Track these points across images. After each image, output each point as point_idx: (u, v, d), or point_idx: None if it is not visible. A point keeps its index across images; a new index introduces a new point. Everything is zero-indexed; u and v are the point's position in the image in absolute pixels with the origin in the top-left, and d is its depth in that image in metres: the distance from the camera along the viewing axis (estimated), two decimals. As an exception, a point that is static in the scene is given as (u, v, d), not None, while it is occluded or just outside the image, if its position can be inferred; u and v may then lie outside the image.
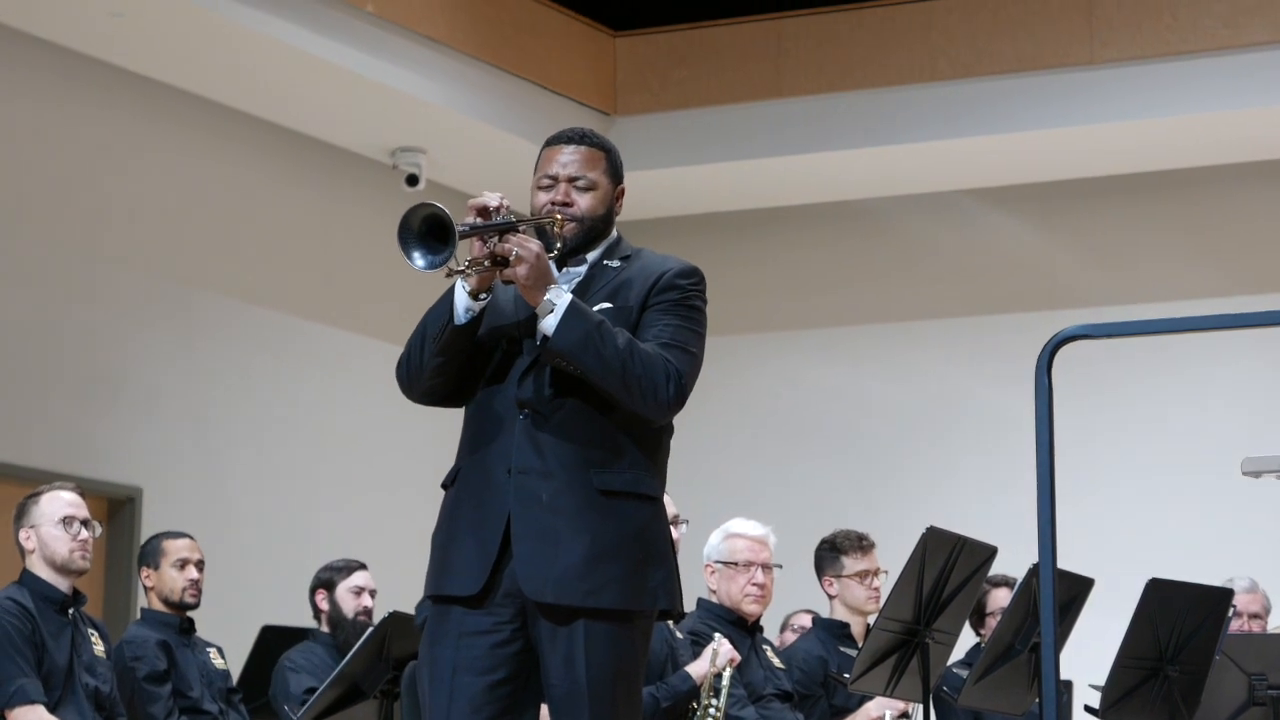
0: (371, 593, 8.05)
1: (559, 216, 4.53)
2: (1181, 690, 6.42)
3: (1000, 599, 7.98)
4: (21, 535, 6.89)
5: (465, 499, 4.49)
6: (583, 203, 4.57)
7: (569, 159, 4.58)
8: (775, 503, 10.88)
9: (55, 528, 6.85)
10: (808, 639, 7.77)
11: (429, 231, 4.34)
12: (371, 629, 6.84)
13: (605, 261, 4.59)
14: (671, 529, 4.66)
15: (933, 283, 12.11)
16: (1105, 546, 10.38)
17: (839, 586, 7.61)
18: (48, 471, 8.99)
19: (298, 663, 7.85)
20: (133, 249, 10.20)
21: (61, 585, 6.86)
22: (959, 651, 7.53)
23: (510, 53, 11.17)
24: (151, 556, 7.57)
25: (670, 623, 6.77)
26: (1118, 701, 6.39)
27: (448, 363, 4.49)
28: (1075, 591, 6.83)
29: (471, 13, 10.96)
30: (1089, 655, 7.09)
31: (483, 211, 4.44)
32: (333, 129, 11.04)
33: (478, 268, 4.41)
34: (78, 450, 9.75)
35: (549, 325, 4.39)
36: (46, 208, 9.78)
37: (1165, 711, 6.44)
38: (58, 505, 6.89)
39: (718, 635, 6.92)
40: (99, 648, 6.95)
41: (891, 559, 7.06)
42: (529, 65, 11.29)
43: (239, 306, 10.69)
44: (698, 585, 7.06)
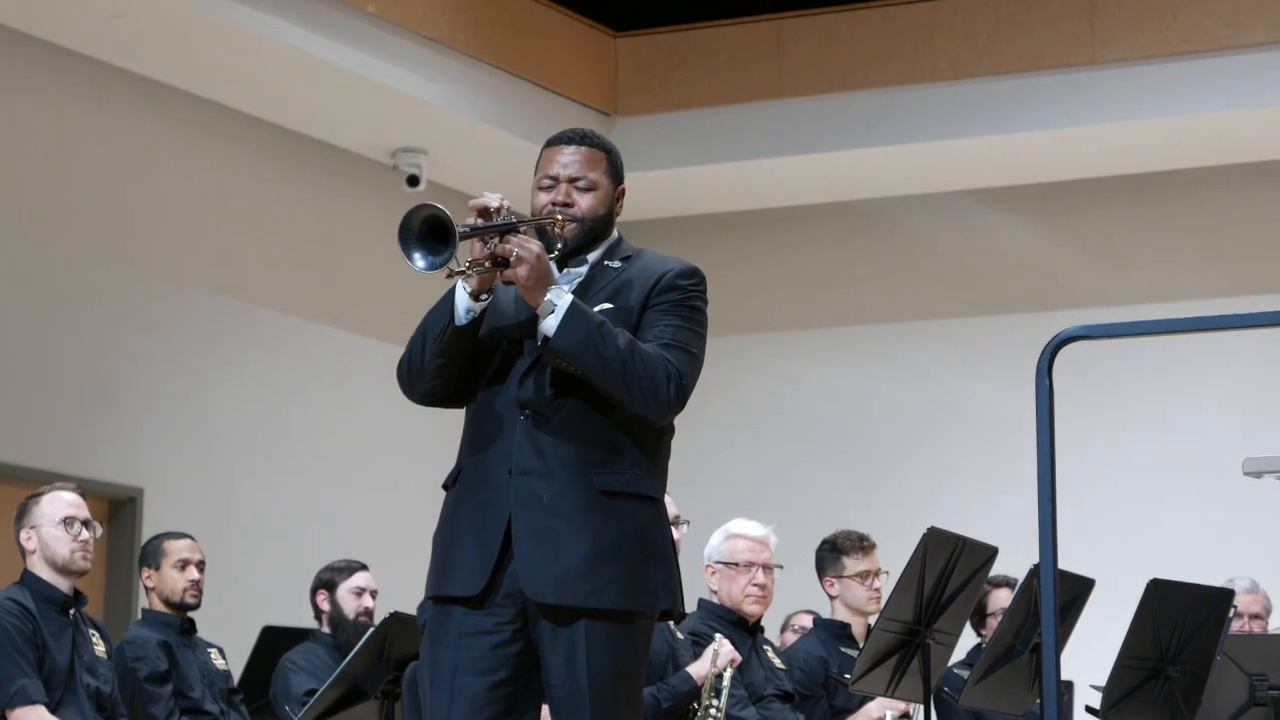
0: (372, 593, 8.05)
1: (560, 217, 4.53)
2: (1182, 691, 6.41)
3: (1001, 599, 7.98)
4: (22, 536, 6.89)
5: (466, 500, 4.49)
6: (583, 203, 4.56)
7: (569, 159, 4.57)
8: (776, 503, 10.86)
9: (56, 528, 6.85)
10: (808, 639, 7.77)
11: (429, 232, 4.33)
12: (372, 629, 6.83)
13: (606, 262, 4.58)
14: (672, 529, 4.65)
15: (934, 283, 12.10)
16: (1105, 547, 10.38)
17: (840, 587, 7.60)
18: (48, 472, 8.98)
19: (298, 663, 7.85)
20: (133, 249, 10.19)
21: (62, 586, 6.86)
22: (960, 652, 7.53)
23: (511, 53, 11.17)
24: (152, 557, 7.57)
25: (671, 623, 6.76)
26: (1119, 702, 6.38)
27: (449, 364, 4.49)
28: (1076, 592, 6.84)
29: (472, 13, 10.96)
30: (1090, 656, 7.09)
31: (483, 212, 4.44)
32: (333, 130, 11.04)
33: (478, 269, 4.40)
34: (78, 450, 9.75)
35: (550, 326, 4.39)
36: (46, 208, 9.78)
37: (1166, 712, 6.43)
38: (58, 506, 6.89)
39: (718, 636, 6.92)
40: (100, 648, 6.95)
41: (892, 559, 7.06)
42: (530, 66, 11.28)
43: (239, 307, 10.68)
44: (698, 586, 7.06)
